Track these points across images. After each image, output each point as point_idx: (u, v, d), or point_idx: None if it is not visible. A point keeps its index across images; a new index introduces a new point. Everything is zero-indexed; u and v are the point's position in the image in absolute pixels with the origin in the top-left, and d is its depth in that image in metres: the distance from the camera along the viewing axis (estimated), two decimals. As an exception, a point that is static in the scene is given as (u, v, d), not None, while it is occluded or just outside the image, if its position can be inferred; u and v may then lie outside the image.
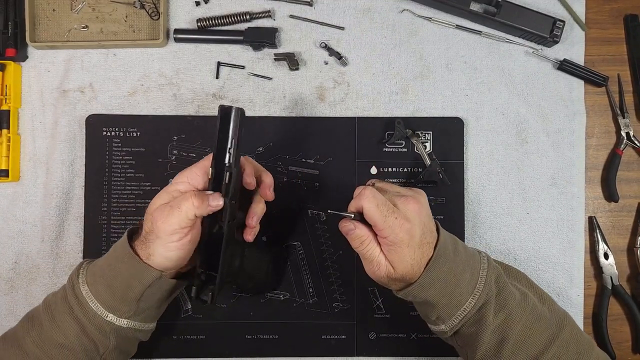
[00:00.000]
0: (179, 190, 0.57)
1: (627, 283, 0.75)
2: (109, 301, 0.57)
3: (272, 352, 0.72)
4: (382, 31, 0.76)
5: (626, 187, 0.75)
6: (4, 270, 0.73)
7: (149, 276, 0.56)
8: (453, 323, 0.57)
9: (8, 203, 0.73)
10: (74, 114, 0.74)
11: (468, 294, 0.56)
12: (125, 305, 0.57)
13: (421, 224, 0.56)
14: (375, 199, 0.55)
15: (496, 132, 0.75)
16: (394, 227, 0.55)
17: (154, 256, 0.56)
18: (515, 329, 0.56)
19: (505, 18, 0.73)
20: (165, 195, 0.57)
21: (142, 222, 0.59)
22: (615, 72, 0.76)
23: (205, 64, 0.75)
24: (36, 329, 0.58)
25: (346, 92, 0.75)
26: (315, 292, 0.72)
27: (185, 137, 0.73)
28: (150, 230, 0.56)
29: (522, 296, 0.58)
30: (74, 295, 0.58)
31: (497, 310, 0.56)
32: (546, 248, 0.73)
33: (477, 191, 0.74)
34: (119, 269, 0.57)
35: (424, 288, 0.56)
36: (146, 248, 0.56)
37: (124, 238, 0.58)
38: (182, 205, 0.54)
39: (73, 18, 0.75)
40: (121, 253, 0.57)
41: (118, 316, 0.58)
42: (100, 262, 0.59)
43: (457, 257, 0.58)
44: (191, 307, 0.72)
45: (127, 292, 0.57)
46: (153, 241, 0.55)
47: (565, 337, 0.57)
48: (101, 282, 0.57)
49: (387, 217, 0.55)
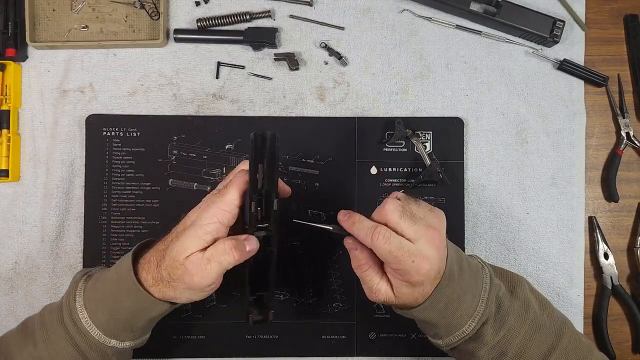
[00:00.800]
0: (212, 234, 0.52)
1: (627, 283, 0.75)
2: (111, 330, 0.55)
3: (272, 352, 0.72)
4: (382, 31, 0.76)
5: (626, 187, 0.75)
6: (4, 270, 0.73)
7: (158, 310, 0.55)
8: (451, 341, 0.56)
9: (8, 203, 0.73)
10: (74, 114, 0.74)
11: (468, 317, 0.55)
12: (129, 333, 0.56)
13: (440, 262, 0.52)
14: (389, 244, 0.51)
15: (496, 132, 0.75)
16: (410, 270, 0.51)
17: (178, 299, 0.54)
18: (514, 343, 0.55)
19: (505, 18, 0.73)
20: (197, 241, 0.52)
21: (149, 243, 0.57)
22: (615, 72, 0.76)
23: (205, 64, 0.75)
24: (29, 347, 0.55)
25: (346, 92, 0.75)
26: (315, 292, 0.72)
27: (185, 137, 0.73)
28: (178, 279, 0.52)
29: (523, 307, 0.57)
30: (72, 322, 0.55)
31: (496, 329, 0.55)
32: (546, 248, 0.73)
33: (477, 191, 0.74)
34: (122, 302, 0.54)
35: (425, 311, 0.55)
36: (168, 291, 0.53)
37: (128, 263, 0.55)
38: (224, 260, 0.51)
39: (73, 18, 0.75)
40: (126, 283, 0.54)
41: (120, 341, 0.56)
42: (101, 287, 0.56)
43: (461, 279, 0.55)
44: (191, 307, 0.72)
45: (131, 322, 0.55)
46: (181, 290, 0.53)
47: (564, 345, 0.56)
48: (102, 311, 0.55)
49: (402, 261, 0.51)
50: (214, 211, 0.53)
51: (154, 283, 0.54)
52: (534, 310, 0.58)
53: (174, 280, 0.53)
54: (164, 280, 0.53)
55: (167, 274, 0.53)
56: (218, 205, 0.53)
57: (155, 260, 0.54)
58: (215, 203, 0.53)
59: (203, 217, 0.53)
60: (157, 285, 0.54)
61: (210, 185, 0.73)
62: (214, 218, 0.53)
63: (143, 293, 0.53)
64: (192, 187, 0.73)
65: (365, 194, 0.73)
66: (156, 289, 0.54)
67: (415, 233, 0.51)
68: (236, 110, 0.74)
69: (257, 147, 0.54)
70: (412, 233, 0.51)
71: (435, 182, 0.72)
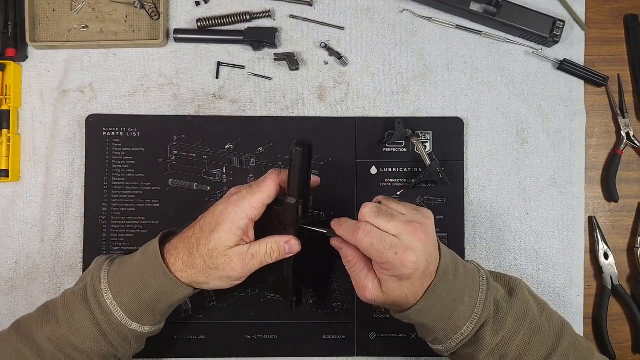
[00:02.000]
0: (242, 230, 0.56)
1: (627, 283, 0.75)
2: (135, 312, 0.57)
3: (272, 352, 0.72)
4: (382, 31, 0.76)
5: (626, 187, 0.75)
6: (4, 270, 0.73)
7: (182, 293, 0.57)
8: (450, 345, 0.56)
9: (8, 203, 0.73)
10: (74, 113, 0.74)
11: (466, 319, 0.55)
12: (151, 316, 0.58)
13: (426, 255, 0.53)
14: (369, 236, 0.52)
15: (496, 132, 0.75)
16: (394, 263, 0.52)
17: (206, 285, 0.57)
18: (513, 346, 0.55)
19: (505, 18, 0.73)
20: (233, 237, 0.56)
21: (172, 232, 0.60)
22: (615, 72, 0.76)
23: (205, 64, 0.75)
24: (51, 325, 0.57)
25: (346, 92, 0.75)
26: (315, 292, 0.72)
27: (185, 137, 0.73)
28: (217, 268, 0.56)
29: (521, 309, 0.57)
30: (97, 303, 0.56)
31: (495, 332, 0.55)
32: (546, 248, 0.73)
33: (477, 191, 0.74)
34: (149, 283, 0.56)
35: (421, 313, 0.55)
36: (200, 277, 0.56)
37: (155, 247, 0.57)
38: (266, 260, 0.57)
39: (73, 18, 0.75)
40: (153, 266, 0.56)
41: (142, 324, 0.58)
42: (127, 270, 0.58)
43: (456, 280, 0.56)
44: (191, 307, 0.72)
45: (155, 305, 0.57)
46: (215, 278, 0.57)
47: (564, 347, 0.56)
48: (127, 292, 0.56)
49: (384, 253, 0.52)
50: (245, 207, 0.56)
51: (183, 268, 0.56)
52: (533, 312, 0.58)
53: (211, 268, 0.56)
54: (197, 267, 0.56)
55: (203, 262, 0.56)
56: (249, 203, 0.56)
57: (184, 247, 0.57)
58: (247, 199, 0.56)
59: (236, 213, 0.56)
60: (187, 270, 0.56)
61: (210, 185, 0.73)
62: (244, 214, 0.56)
63: (169, 276, 0.56)
64: (192, 187, 0.73)
65: (365, 194, 0.73)
66: (185, 274, 0.56)
67: (395, 228, 0.53)
68: (236, 110, 0.74)
69: (304, 155, 0.56)
70: (391, 228, 0.53)
71: (435, 182, 0.72)
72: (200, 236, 0.56)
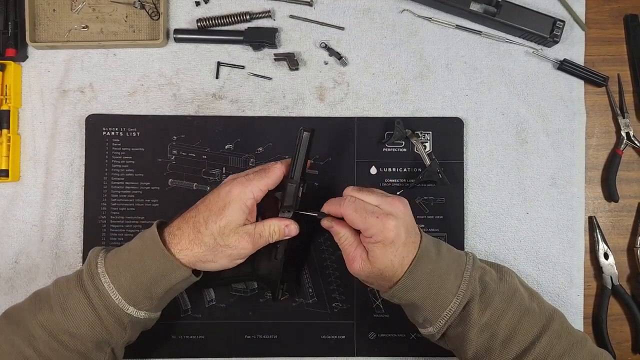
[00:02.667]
0: (249, 209, 0.59)
1: (627, 283, 0.75)
2: (132, 295, 0.57)
3: (272, 352, 0.72)
4: (382, 31, 0.76)
5: (626, 187, 0.75)
6: (4, 270, 0.73)
7: (180, 275, 0.58)
8: (440, 324, 0.58)
9: (8, 203, 0.73)
10: (74, 113, 0.74)
11: (452, 295, 0.57)
12: (148, 300, 0.58)
13: (405, 223, 0.57)
14: (353, 204, 0.58)
15: (496, 132, 0.75)
16: (377, 226, 0.56)
17: (214, 263, 0.59)
18: (502, 324, 0.57)
19: (505, 18, 0.73)
20: (242, 215, 0.58)
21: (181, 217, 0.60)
22: (615, 72, 0.76)
23: (205, 64, 0.75)
24: (45, 312, 0.57)
25: (346, 92, 0.75)
26: (315, 292, 0.72)
27: (185, 137, 0.73)
28: (227, 245, 0.58)
29: (510, 290, 0.59)
30: (93, 286, 0.57)
31: (482, 309, 0.57)
32: (546, 248, 0.73)
33: (477, 191, 0.74)
34: (148, 265, 0.57)
35: (408, 290, 0.57)
36: (207, 255, 0.58)
37: (153, 231, 0.58)
38: (271, 239, 0.60)
39: (73, 18, 0.75)
40: (152, 249, 0.57)
41: (138, 309, 0.58)
42: (124, 254, 0.59)
43: (440, 258, 0.58)
44: (190, 307, 0.72)
45: (152, 288, 0.58)
46: (223, 256, 0.58)
47: (556, 328, 0.57)
48: (126, 275, 0.57)
49: (366, 217, 0.56)
50: (253, 188, 0.59)
51: (189, 246, 0.58)
52: (521, 295, 0.59)
53: (221, 246, 0.58)
54: (205, 245, 0.57)
55: (213, 240, 0.57)
56: (257, 184, 0.59)
57: (190, 226, 0.58)
58: (255, 181, 0.59)
59: (244, 192, 0.59)
60: (193, 248, 0.58)
61: (210, 185, 0.73)
62: (251, 194, 0.59)
63: (168, 257, 0.57)
64: (192, 186, 0.73)
65: (365, 194, 0.73)
66: (190, 252, 0.58)
67: (375, 200, 0.58)
68: (236, 110, 0.75)
69: (310, 140, 0.61)
70: (372, 200, 0.58)
71: (435, 182, 0.72)
72: (207, 215, 0.58)
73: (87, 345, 0.57)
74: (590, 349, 0.58)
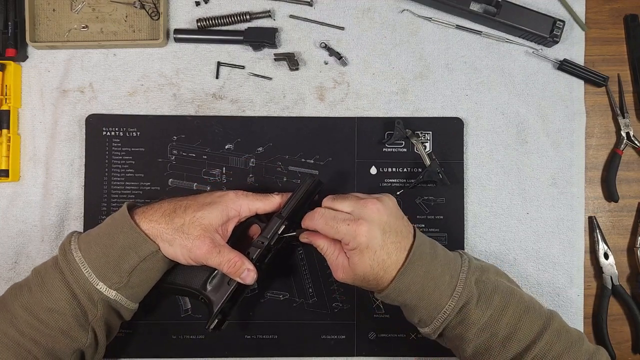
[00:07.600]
0: (229, 217, 0.61)
1: (627, 283, 0.75)
2: (101, 268, 0.58)
3: (272, 352, 0.72)
4: (382, 31, 0.76)
5: (626, 187, 0.75)
6: (4, 270, 0.73)
7: (147, 249, 0.58)
8: (435, 325, 0.58)
9: (8, 203, 0.73)
10: (74, 113, 0.74)
11: (447, 297, 0.57)
12: (117, 276, 0.58)
13: (381, 223, 0.57)
14: (323, 217, 0.59)
15: (496, 132, 0.75)
16: (349, 234, 0.56)
17: (171, 246, 0.59)
18: (502, 323, 0.57)
19: (505, 18, 0.73)
20: (220, 217, 0.60)
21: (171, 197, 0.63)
22: (615, 72, 0.76)
23: (205, 64, 0.75)
24: (25, 294, 0.58)
25: (346, 92, 0.75)
26: (315, 292, 0.72)
27: (185, 137, 0.73)
28: (186, 235, 0.59)
29: (508, 290, 0.59)
30: (65, 260, 0.58)
31: (482, 309, 0.57)
32: (546, 248, 0.73)
33: (477, 191, 0.74)
34: (116, 238, 0.58)
35: (400, 292, 0.57)
36: (170, 234, 0.59)
37: (123, 209, 0.60)
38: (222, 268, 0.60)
39: (73, 18, 0.75)
40: (120, 223, 0.59)
41: (108, 286, 0.58)
42: (95, 231, 0.61)
43: (435, 260, 0.58)
44: (190, 307, 0.72)
45: (121, 262, 0.58)
46: (180, 243, 0.59)
47: (556, 327, 0.57)
48: (95, 249, 0.59)
49: (337, 228, 0.57)
50: (242, 203, 0.62)
51: (159, 219, 0.59)
52: (520, 293, 0.59)
53: (184, 232, 0.59)
54: (172, 224, 0.59)
55: (182, 223, 0.59)
56: (247, 202, 0.62)
57: (171, 205, 0.61)
58: (247, 198, 0.62)
59: (233, 202, 0.61)
60: (161, 221, 0.59)
61: (210, 185, 0.73)
62: (238, 207, 0.62)
63: (136, 229, 0.58)
64: (192, 186, 0.73)
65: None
66: (157, 225, 0.59)
67: (348, 206, 0.59)
68: (236, 110, 0.75)
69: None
70: (345, 207, 0.59)
71: (435, 182, 0.72)
72: (191, 204, 0.61)
73: (69, 321, 0.57)
74: (587, 348, 0.58)
